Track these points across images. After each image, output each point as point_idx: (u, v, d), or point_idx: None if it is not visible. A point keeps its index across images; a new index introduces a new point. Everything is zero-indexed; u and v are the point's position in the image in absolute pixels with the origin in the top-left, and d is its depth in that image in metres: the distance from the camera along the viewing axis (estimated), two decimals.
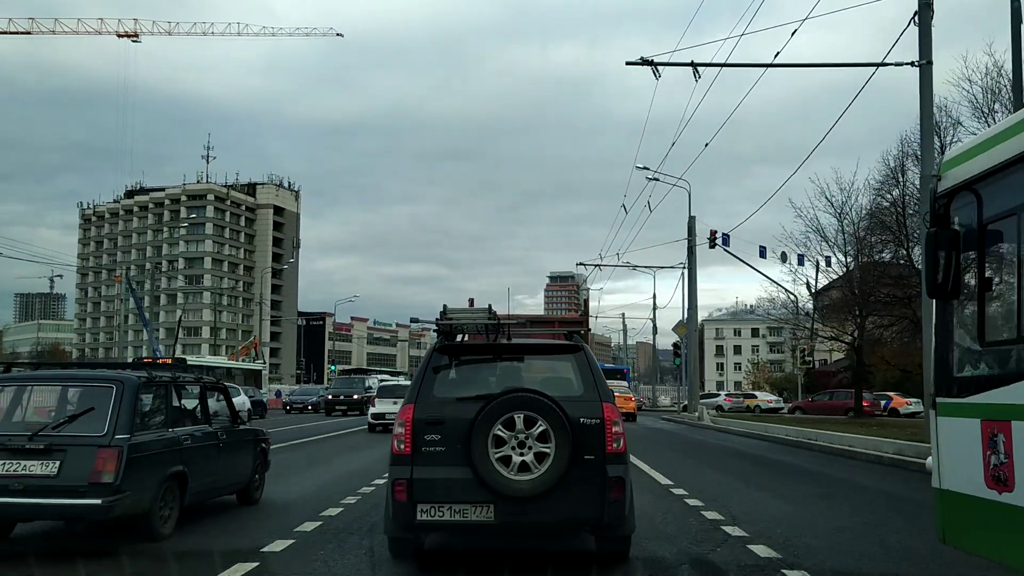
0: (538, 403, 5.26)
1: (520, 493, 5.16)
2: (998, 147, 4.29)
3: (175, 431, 7.03)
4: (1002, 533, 4.17)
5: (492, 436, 5.21)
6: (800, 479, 12.22)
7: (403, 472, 5.30)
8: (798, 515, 8.34)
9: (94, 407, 6.31)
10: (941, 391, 4.78)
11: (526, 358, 6.13)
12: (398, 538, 5.66)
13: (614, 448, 5.36)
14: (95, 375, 7.23)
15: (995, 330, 4.36)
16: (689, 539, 6.84)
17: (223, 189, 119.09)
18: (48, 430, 6.17)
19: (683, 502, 8.95)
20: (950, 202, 4.63)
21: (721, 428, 28.83)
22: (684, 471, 12.57)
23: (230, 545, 6.39)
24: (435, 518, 5.25)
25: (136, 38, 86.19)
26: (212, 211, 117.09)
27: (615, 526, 5.45)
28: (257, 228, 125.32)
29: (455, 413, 5.37)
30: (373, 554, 6.06)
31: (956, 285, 4.45)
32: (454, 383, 5.78)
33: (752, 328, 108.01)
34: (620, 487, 5.32)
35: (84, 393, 6.62)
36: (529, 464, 5.19)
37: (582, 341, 6.02)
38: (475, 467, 5.18)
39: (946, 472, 4.71)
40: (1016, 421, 4.01)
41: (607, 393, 5.59)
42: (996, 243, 4.37)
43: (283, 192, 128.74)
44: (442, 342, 5.96)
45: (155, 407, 6.91)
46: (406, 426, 5.39)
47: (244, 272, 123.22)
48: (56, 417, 6.45)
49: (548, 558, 5.77)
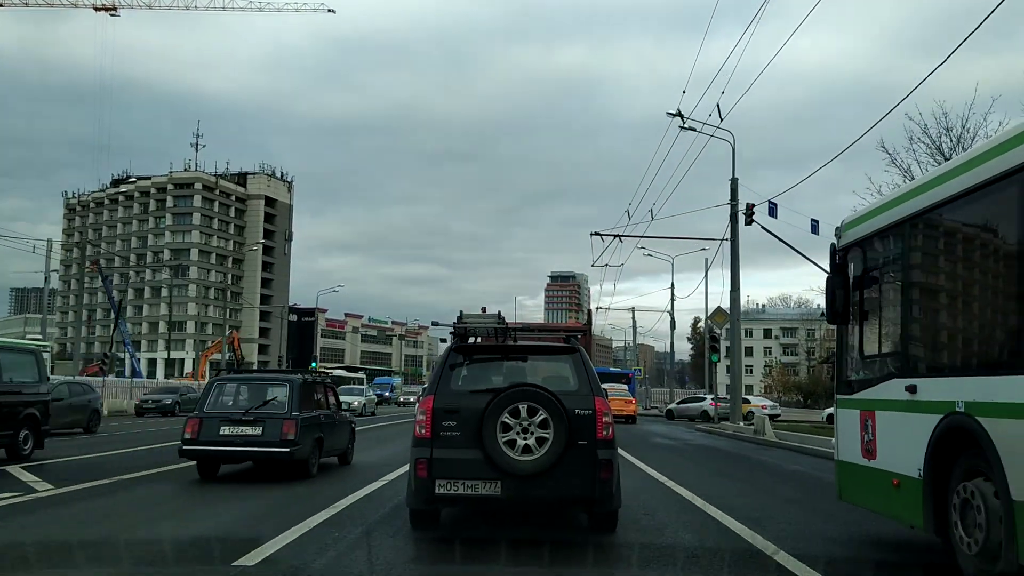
0: (539, 395, 6.47)
1: (523, 471, 6.35)
2: (873, 219, 6.54)
3: (317, 412, 11.94)
4: (869, 489, 6.42)
5: (500, 423, 6.40)
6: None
7: (424, 453, 6.55)
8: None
9: (277, 396, 11.34)
10: (839, 390, 7.05)
11: (530, 358, 7.48)
12: (419, 510, 6.94)
13: (604, 435, 6.54)
14: (277, 378, 12.85)
15: (868, 347, 6.59)
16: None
17: (211, 178, 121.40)
18: (255, 409, 11.19)
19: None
20: (845, 254, 6.88)
21: (803, 448, 19.91)
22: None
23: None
24: (451, 492, 6.46)
25: (115, 11, 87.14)
26: (200, 200, 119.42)
27: (604, 502, 6.64)
28: (247, 219, 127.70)
29: (469, 403, 6.61)
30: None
31: (845, 314, 6.71)
32: (468, 378, 7.08)
33: (764, 328, 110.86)
34: (609, 468, 6.51)
35: (272, 388, 11.65)
36: (531, 447, 6.38)
37: (578, 344, 7.29)
38: (485, 449, 6.39)
39: (840, 448, 6.99)
40: (878, 411, 6.25)
41: (599, 389, 6.83)
42: (871, 285, 6.61)
43: (275, 182, 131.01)
44: (458, 343, 7.21)
45: (307, 397, 11.71)
46: (427, 414, 6.64)
47: (233, 265, 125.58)
48: (257, 402, 11.40)
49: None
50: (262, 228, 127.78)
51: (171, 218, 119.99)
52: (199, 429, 11.02)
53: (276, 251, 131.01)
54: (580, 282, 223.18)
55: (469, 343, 7.41)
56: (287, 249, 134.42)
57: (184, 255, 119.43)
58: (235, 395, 11.90)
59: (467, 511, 7.79)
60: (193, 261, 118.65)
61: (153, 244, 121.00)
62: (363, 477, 11.41)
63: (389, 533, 7.10)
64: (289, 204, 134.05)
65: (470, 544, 6.70)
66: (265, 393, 11.48)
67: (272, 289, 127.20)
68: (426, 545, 6.89)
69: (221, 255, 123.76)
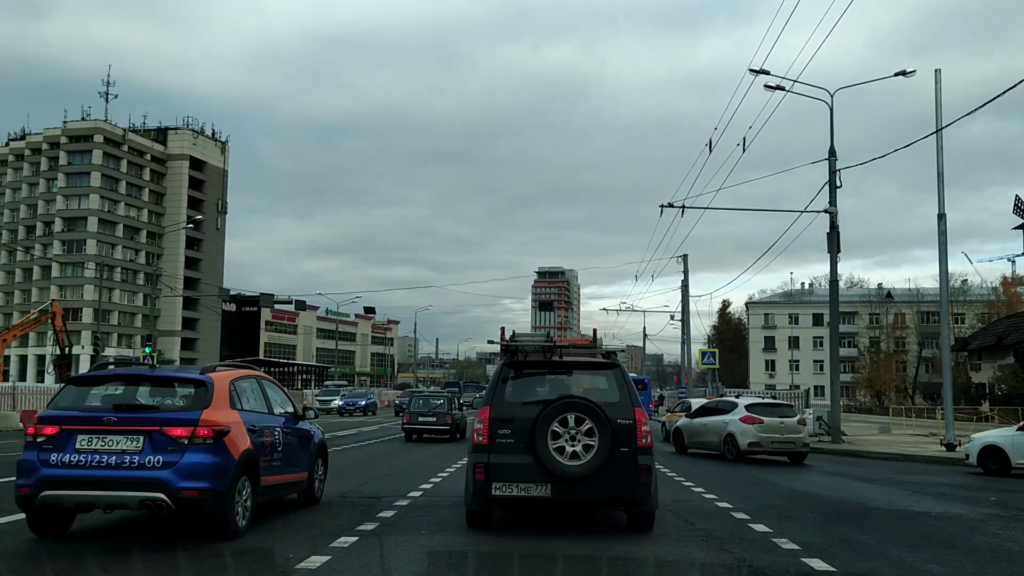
0: (586, 407, 7.72)
1: (571, 475, 7.58)
2: None
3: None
4: None
5: (550, 431, 7.64)
6: None
7: (481, 458, 7.78)
8: None
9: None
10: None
11: (574, 372, 8.64)
12: (475, 510, 8.10)
13: (643, 443, 7.79)
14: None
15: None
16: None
17: (117, 130, 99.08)
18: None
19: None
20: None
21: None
22: None
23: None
24: (506, 493, 7.68)
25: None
26: (101, 157, 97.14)
27: (643, 503, 7.90)
28: (168, 185, 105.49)
29: (522, 413, 7.83)
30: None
31: None
32: (519, 390, 8.26)
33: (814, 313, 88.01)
34: (648, 473, 7.76)
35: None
36: (579, 453, 7.61)
37: (618, 360, 8.57)
38: (537, 455, 7.63)
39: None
40: None
41: (638, 400, 8.11)
42: None
43: (203, 141, 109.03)
44: (509, 359, 8.41)
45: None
46: (484, 423, 7.86)
47: (149, 240, 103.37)
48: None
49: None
50: (186, 196, 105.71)
51: (64, 179, 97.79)
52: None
53: (206, 225, 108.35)
54: (569, 278, 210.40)
55: (518, 359, 8.38)
56: (220, 223, 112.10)
57: (80, 225, 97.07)
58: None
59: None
60: (92, 233, 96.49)
61: (44, 213, 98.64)
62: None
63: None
64: (223, 169, 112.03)
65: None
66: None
67: (200, 271, 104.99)
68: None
69: (131, 227, 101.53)
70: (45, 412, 7.46)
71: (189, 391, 7.53)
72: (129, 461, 6.87)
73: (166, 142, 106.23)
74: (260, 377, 9.18)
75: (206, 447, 7.04)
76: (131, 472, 6.84)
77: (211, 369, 8.03)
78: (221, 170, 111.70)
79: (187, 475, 6.88)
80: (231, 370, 8.43)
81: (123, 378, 8.16)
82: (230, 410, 7.62)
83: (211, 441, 7.09)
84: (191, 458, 6.94)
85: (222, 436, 7.18)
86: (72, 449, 6.93)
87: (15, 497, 7.10)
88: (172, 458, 6.89)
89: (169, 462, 6.87)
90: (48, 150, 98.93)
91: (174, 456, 6.90)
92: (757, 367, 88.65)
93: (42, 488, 6.89)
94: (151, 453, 6.89)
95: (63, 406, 7.45)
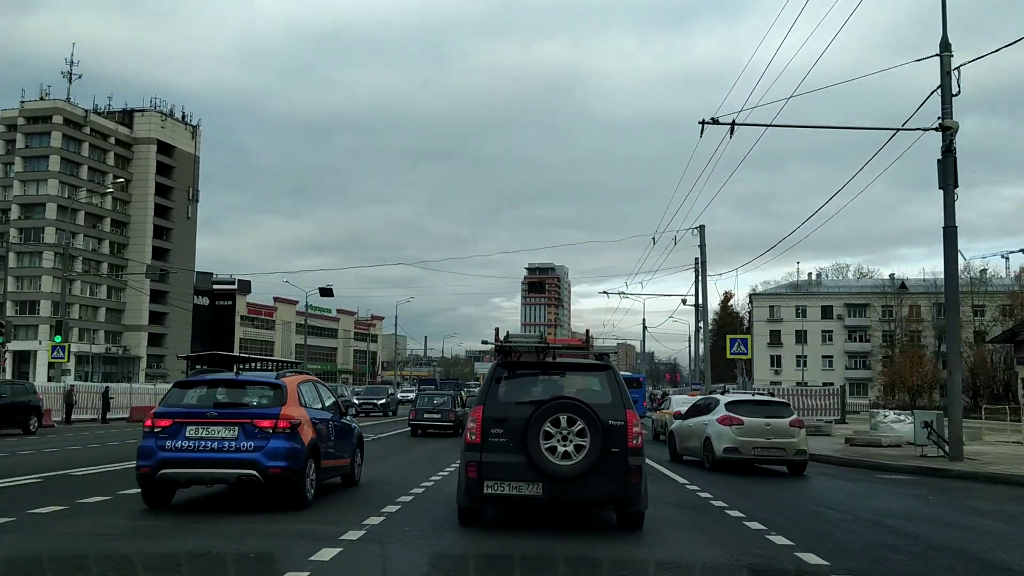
0: (578, 407, 7.86)
1: (562, 475, 7.73)
2: None
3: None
4: None
5: (542, 431, 7.80)
6: None
7: (474, 456, 7.93)
8: None
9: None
10: None
11: (567, 373, 8.74)
12: (467, 507, 8.29)
13: (634, 444, 7.93)
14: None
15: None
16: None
17: (79, 111, 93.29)
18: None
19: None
20: None
21: None
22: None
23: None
24: (497, 492, 7.85)
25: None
26: (60, 140, 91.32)
27: (632, 503, 8.05)
28: (134, 170, 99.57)
29: (514, 413, 7.99)
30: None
31: None
32: (512, 390, 8.39)
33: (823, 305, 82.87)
34: (638, 473, 7.91)
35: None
36: (570, 453, 7.76)
37: (610, 361, 8.76)
38: (529, 454, 7.78)
39: None
40: None
41: (630, 402, 8.25)
42: None
43: (172, 124, 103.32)
44: (503, 359, 8.58)
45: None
46: (477, 422, 8.03)
47: (113, 229, 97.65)
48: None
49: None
50: (153, 182, 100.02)
51: (21, 163, 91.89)
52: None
53: (175, 213, 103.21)
54: (560, 275, 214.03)
55: (512, 360, 8.54)
56: (191, 212, 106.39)
57: (38, 212, 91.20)
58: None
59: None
60: (50, 220, 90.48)
61: (0, 200, 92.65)
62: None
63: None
64: (194, 155, 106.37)
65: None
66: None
67: (170, 261, 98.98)
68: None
69: (94, 215, 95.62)
70: (159, 409, 9.47)
71: (269, 392, 9.68)
72: (228, 446, 8.94)
73: (132, 125, 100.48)
74: (316, 381, 11.39)
75: (285, 435, 9.12)
76: (230, 455, 8.93)
77: (283, 375, 10.31)
78: (192, 155, 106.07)
79: (273, 456, 8.97)
80: (297, 375, 10.89)
81: (216, 382, 10.19)
82: (299, 407, 9.71)
83: (289, 431, 9.19)
84: (275, 444, 9.02)
85: (296, 427, 9.26)
86: (183, 437, 8.94)
87: (136, 476, 9.14)
88: (261, 443, 8.96)
89: (259, 447, 8.95)
90: (4, 132, 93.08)
91: (262, 442, 8.97)
92: (762, 363, 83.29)
93: (160, 467, 8.89)
94: (245, 440, 8.95)
95: (172, 403, 9.66)
